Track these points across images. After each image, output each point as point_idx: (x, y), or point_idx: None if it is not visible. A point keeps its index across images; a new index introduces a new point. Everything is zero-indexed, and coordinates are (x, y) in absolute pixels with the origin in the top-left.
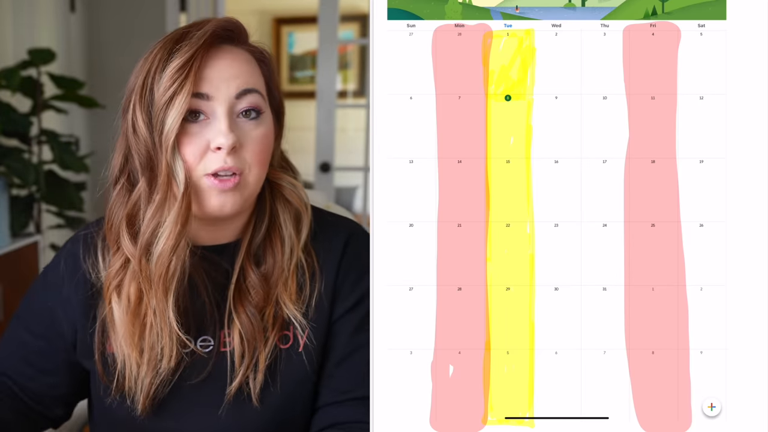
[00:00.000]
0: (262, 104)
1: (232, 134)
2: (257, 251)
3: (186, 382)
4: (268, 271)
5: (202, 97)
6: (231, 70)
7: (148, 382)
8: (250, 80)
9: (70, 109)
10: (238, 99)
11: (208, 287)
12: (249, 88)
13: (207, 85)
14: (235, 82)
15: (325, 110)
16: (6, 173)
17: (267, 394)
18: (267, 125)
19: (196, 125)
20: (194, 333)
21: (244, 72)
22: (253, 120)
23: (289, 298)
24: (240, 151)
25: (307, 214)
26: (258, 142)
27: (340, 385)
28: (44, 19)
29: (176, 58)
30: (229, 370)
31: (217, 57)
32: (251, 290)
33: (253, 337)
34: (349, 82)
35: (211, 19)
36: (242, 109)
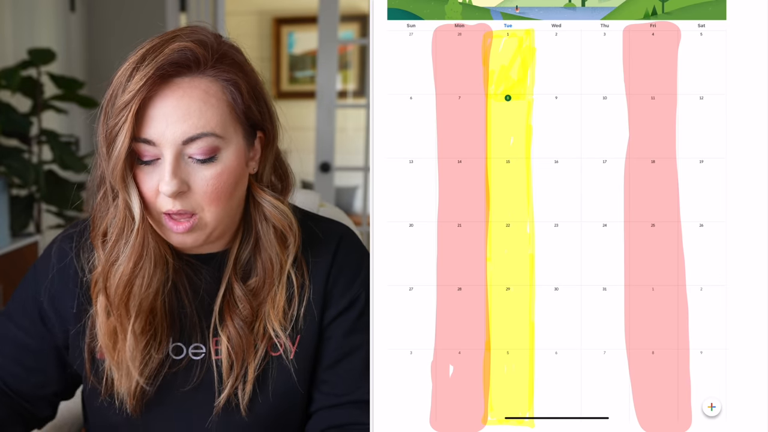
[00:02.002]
0: (217, 144)
1: (175, 180)
2: (246, 264)
3: (179, 389)
4: (258, 286)
5: (148, 142)
6: (177, 112)
7: (133, 386)
8: (200, 122)
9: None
10: (186, 144)
11: (189, 295)
12: (197, 134)
13: (152, 129)
14: (181, 127)
15: (325, 110)
16: (6, 173)
17: (255, 404)
18: (225, 162)
19: (150, 166)
20: (186, 340)
21: (193, 112)
22: (205, 162)
23: (275, 315)
24: (190, 194)
25: (291, 233)
26: (209, 183)
27: (336, 389)
28: (44, 19)
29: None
30: (217, 382)
31: (164, 96)
32: (239, 303)
33: (242, 348)
34: (349, 82)
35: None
36: (193, 154)
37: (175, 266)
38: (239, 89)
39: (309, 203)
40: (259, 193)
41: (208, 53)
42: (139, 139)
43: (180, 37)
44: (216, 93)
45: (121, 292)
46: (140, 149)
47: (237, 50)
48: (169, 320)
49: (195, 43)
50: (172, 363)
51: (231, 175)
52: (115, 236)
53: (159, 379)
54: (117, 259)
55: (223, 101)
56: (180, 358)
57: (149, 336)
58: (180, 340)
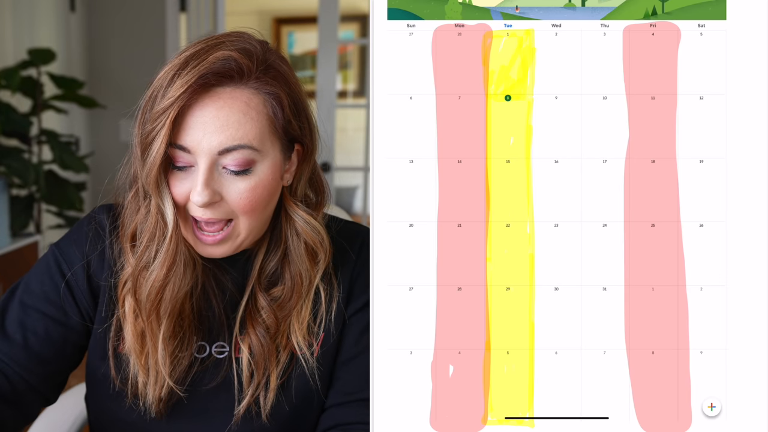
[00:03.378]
0: (253, 157)
1: (207, 191)
2: (273, 273)
3: (201, 387)
4: (284, 298)
5: (183, 149)
6: (216, 123)
7: (160, 389)
8: (237, 133)
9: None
10: (221, 155)
11: (216, 293)
12: (234, 146)
13: (188, 137)
14: (218, 138)
15: (325, 110)
16: (6, 173)
17: (277, 410)
18: (260, 176)
19: (183, 172)
20: (209, 339)
21: (232, 124)
22: (240, 175)
23: (299, 328)
24: (222, 204)
25: (323, 249)
26: (243, 196)
27: (345, 387)
28: (44, 19)
29: (163, 99)
30: (237, 390)
31: (204, 105)
32: (262, 313)
33: (263, 357)
34: (349, 82)
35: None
36: (228, 165)
37: (204, 267)
38: (281, 103)
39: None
40: (292, 207)
41: (253, 64)
42: (174, 145)
43: (225, 45)
44: (257, 106)
45: (153, 298)
46: (175, 155)
47: (283, 60)
48: (197, 321)
49: (240, 53)
50: (194, 362)
51: (265, 189)
52: (146, 241)
53: (188, 380)
54: (148, 265)
55: (263, 114)
56: (203, 357)
57: (178, 339)
58: (204, 340)
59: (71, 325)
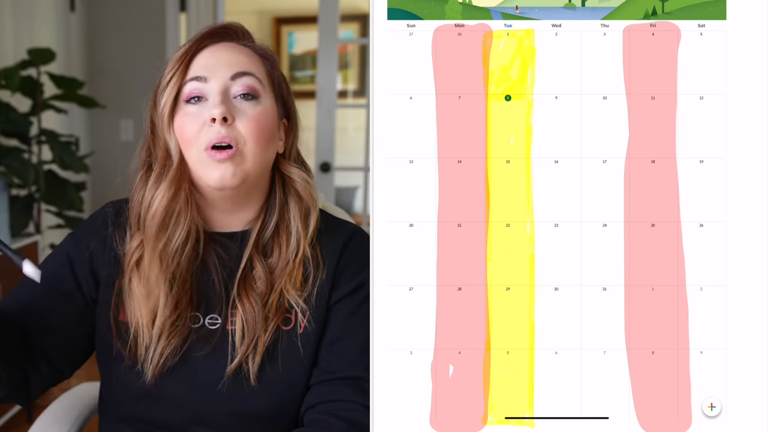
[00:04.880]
0: (258, 88)
1: (223, 106)
2: (266, 243)
3: (193, 353)
4: (274, 263)
5: (200, 79)
6: (227, 57)
7: (159, 352)
8: (246, 65)
9: (69, 109)
10: (233, 80)
11: (218, 268)
12: (244, 71)
13: (203, 69)
14: (230, 67)
15: (325, 110)
16: (6, 173)
17: (265, 374)
18: (265, 107)
19: (196, 106)
20: (203, 310)
21: (240, 60)
22: (249, 101)
23: (293, 287)
24: (234, 125)
25: (315, 211)
26: (252, 119)
27: (329, 366)
28: (44, 19)
29: (178, 53)
30: (230, 349)
31: (215, 48)
32: (257, 280)
33: (255, 322)
34: (349, 82)
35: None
36: (238, 92)
37: (205, 240)
38: (273, 64)
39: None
40: (287, 167)
41: (249, 36)
42: (190, 78)
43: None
44: (257, 58)
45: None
46: (189, 90)
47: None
48: (196, 294)
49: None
50: (189, 331)
51: (269, 119)
52: (155, 176)
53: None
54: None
55: (262, 65)
56: (196, 327)
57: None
58: (198, 311)
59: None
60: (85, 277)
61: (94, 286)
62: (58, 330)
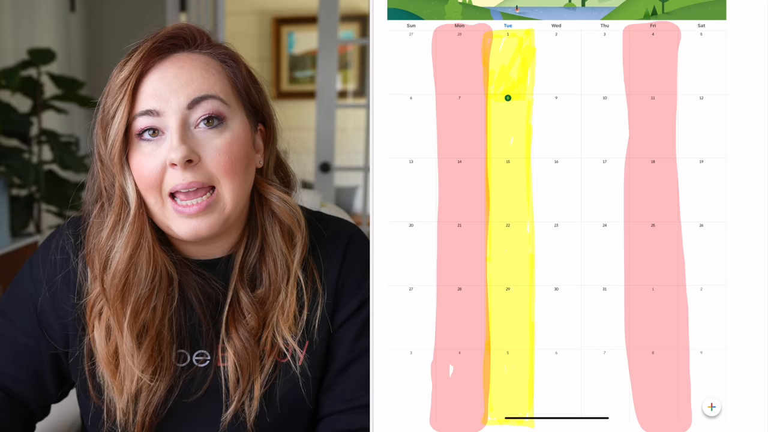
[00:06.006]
0: (223, 109)
1: (183, 146)
2: (252, 272)
3: (183, 399)
4: (265, 294)
5: (151, 114)
6: (179, 80)
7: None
8: (203, 86)
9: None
10: (191, 109)
11: (202, 301)
12: (202, 96)
13: (153, 100)
14: (185, 91)
15: (325, 110)
16: (6, 173)
17: (262, 418)
18: (234, 131)
19: (152, 144)
20: (189, 347)
21: (196, 78)
22: (213, 128)
23: (285, 324)
24: (202, 165)
25: (300, 230)
26: (222, 152)
27: (344, 393)
28: (44, 19)
29: (120, 75)
30: (224, 395)
31: (163, 68)
32: (246, 314)
33: (248, 363)
34: (349, 82)
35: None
36: (198, 119)
37: (180, 277)
38: (238, 65)
39: (310, 203)
40: (266, 188)
41: (203, 36)
42: (140, 113)
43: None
44: (215, 66)
45: (117, 283)
46: (142, 125)
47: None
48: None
49: (189, 27)
50: (175, 370)
51: (242, 146)
52: (111, 225)
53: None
54: (113, 249)
55: (223, 74)
56: (183, 366)
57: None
58: (183, 348)
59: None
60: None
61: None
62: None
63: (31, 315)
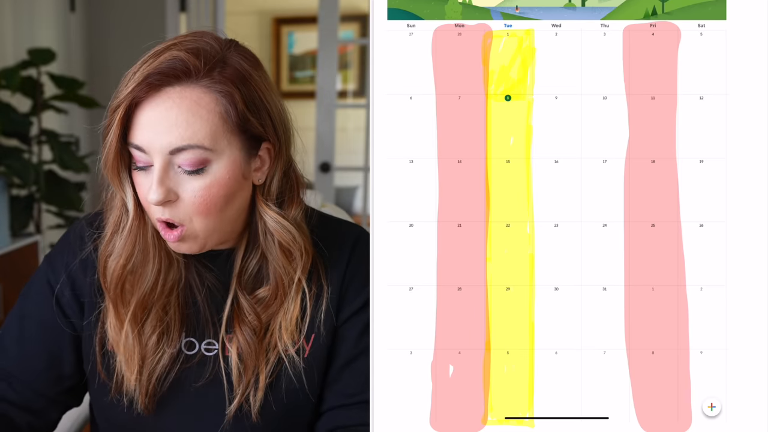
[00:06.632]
0: (205, 157)
1: (161, 189)
2: (256, 274)
3: (190, 384)
4: (269, 297)
5: (139, 149)
6: (164, 123)
7: (145, 380)
8: (186, 133)
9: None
10: (173, 155)
11: (201, 291)
12: (183, 146)
13: (141, 136)
14: (168, 138)
15: (325, 110)
16: (6, 173)
17: (266, 408)
18: (215, 174)
19: (143, 173)
20: (198, 335)
21: (180, 124)
22: (194, 173)
23: (286, 328)
24: (179, 203)
25: (297, 247)
26: (198, 196)
27: (347, 389)
28: (44, 19)
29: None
30: (227, 390)
31: (154, 104)
32: (247, 315)
33: (251, 357)
34: (349, 82)
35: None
36: (180, 164)
37: (186, 263)
38: (233, 101)
39: (310, 203)
40: (262, 207)
41: (201, 63)
42: (132, 144)
43: (178, 46)
44: (208, 104)
45: (115, 286)
46: (134, 155)
47: (246, 58)
48: (182, 316)
49: (190, 53)
50: (185, 358)
51: (221, 188)
52: (111, 231)
53: (172, 374)
54: (112, 254)
55: (214, 113)
56: (193, 353)
57: (161, 331)
58: (193, 336)
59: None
60: (69, 304)
61: (78, 314)
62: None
63: (51, 302)
